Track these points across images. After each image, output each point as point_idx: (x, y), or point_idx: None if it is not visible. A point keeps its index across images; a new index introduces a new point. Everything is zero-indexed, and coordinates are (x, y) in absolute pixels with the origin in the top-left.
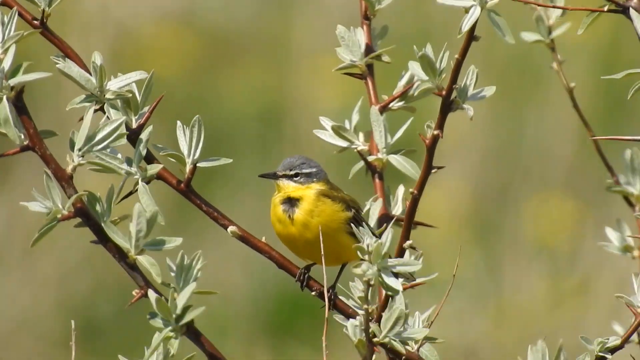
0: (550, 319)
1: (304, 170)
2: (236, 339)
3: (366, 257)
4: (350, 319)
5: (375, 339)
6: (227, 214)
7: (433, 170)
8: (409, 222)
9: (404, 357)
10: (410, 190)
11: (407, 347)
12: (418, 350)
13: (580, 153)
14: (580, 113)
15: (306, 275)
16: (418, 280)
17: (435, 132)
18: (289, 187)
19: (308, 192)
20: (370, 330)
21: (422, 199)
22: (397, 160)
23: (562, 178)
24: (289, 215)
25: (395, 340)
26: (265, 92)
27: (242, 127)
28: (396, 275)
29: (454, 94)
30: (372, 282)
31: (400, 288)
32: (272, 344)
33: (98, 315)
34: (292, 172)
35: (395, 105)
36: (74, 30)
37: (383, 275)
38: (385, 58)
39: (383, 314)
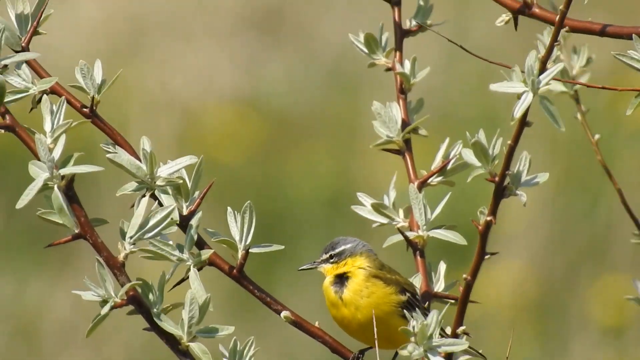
0: None
1: (336, 250)
2: None
3: (412, 338)
4: None
5: None
6: (289, 298)
7: (486, 257)
8: (462, 307)
9: None
10: (464, 275)
11: None
12: None
13: None
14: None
15: (359, 359)
16: (464, 358)
17: (489, 219)
18: (327, 269)
19: (356, 270)
20: None
21: (483, 282)
22: (439, 232)
23: (626, 259)
24: (340, 297)
25: None
26: (330, 177)
27: (306, 210)
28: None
29: (507, 180)
30: None
31: None
32: None
33: None
34: (327, 255)
35: (434, 180)
36: (136, 114)
37: (430, 356)
38: (422, 132)
39: None
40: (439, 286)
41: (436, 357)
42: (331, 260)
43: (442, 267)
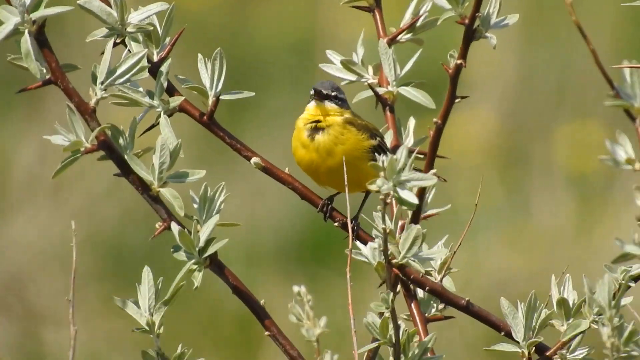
0: (579, 248)
1: (340, 95)
2: (265, 270)
3: (382, 173)
4: (369, 243)
5: (394, 261)
6: (257, 145)
7: (457, 100)
8: (432, 152)
9: (427, 288)
10: (434, 119)
11: (430, 277)
12: (441, 280)
13: (616, 79)
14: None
15: (329, 206)
16: (432, 212)
17: (458, 62)
18: (330, 109)
19: (336, 119)
20: (389, 252)
21: (449, 129)
22: (408, 91)
23: (594, 106)
24: (313, 140)
25: (413, 261)
26: (296, 23)
27: (273, 58)
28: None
29: (477, 22)
30: (388, 200)
31: (416, 201)
32: (303, 273)
33: (126, 246)
34: (334, 94)
35: (403, 38)
36: None
37: (398, 190)
38: None
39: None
40: (409, 141)
41: (404, 191)
42: (335, 101)
43: (412, 122)
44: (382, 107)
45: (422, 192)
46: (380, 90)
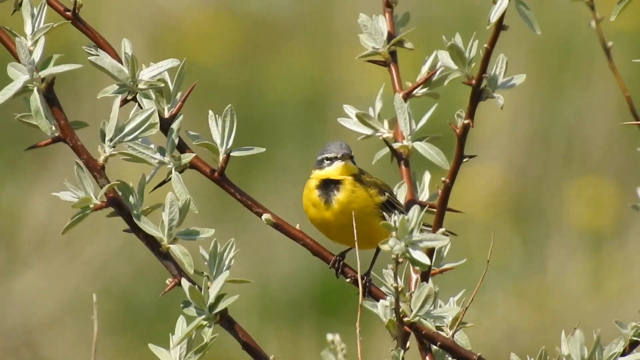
0: (592, 303)
1: (351, 153)
2: (277, 324)
3: (393, 233)
4: (381, 300)
5: (405, 319)
6: (268, 200)
7: (464, 160)
8: (441, 210)
9: (439, 344)
10: (443, 179)
11: (442, 332)
12: (453, 336)
13: (623, 135)
14: (618, 78)
15: (341, 263)
16: (447, 266)
17: (466, 122)
18: (349, 169)
19: (346, 177)
20: (400, 310)
21: (460, 186)
22: (422, 147)
23: (604, 161)
24: (325, 200)
25: (425, 319)
26: (307, 79)
27: (285, 114)
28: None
29: (484, 82)
30: (400, 260)
31: (428, 262)
32: (315, 327)
33: (138, 301)
34: (350, 154)
35: (419, 92)
36: (111, 15)
37: (410, 250)
38: (408, 45)
39: (413, 294)
40: (424, 195)
41: (417, 251)
42: (352, 160)
43: (427, 177)
44: (397, 161)
45: (432, 249)
46: (396, 145)
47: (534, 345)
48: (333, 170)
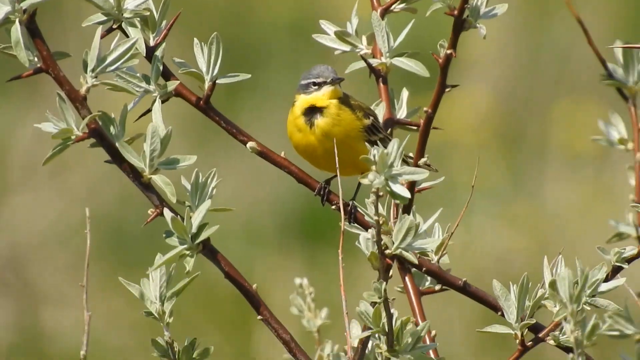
0: (579, 227)
1: (339, 77)
2: (265, 249)
3: (373, 167)
4: (362, 233)
5: (387, 251)
6: (255, 127)
7: (447, 89)
8: (423, 139)
9: (424, 269)
10: (425, 108)
11: (427, 258)
12: (438, 261)
13: (611, 59)
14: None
15: (326, 190)
16: (425, 185)
17: (449, 52)
18: (337, 93)
19: (331, 100)
20: (382, 243)
21: (446, 110)
22: (401, 61)
23: (592, 84)
24: (311, 125)
25: (407, 252)
26: (296, 3)
27: (273, 39)
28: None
29: (466, 13)
30: (380, 193)
31: (408, 195)
32: (302, 251)
33: (126, 227)
34: (338, 79)
35: (397, 7)
36: None
37: (390, 184)
38: None
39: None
40: (402, 113)
41: (396, 185)
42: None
43: (405, 94)
44: (375, 78)
45: (413, 182)
46: (374, 62)
47: (522, 270)
48: (322, 95)
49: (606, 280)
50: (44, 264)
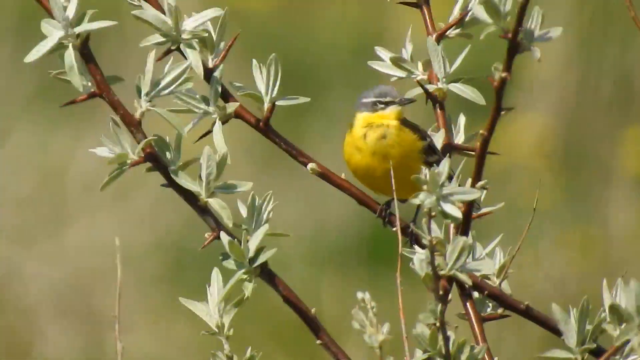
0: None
1: (408, 98)
2: (328, 271)
3: (424, 186)
4: (417, 253)
5: (441, 272)
6: (315, 148)
7: (502, 112)
8: (479, 162)
9: (486, 292)
10: (480, 131)
11: (488, 281)
12: (500, 284)
13: None
14: None
15: (387, 211)
16: (485, 210)
17: (503, 75)
18: (400, 114)
19: (391, 122)
20: (436, 264)
21: (504, 135)
22: (458, 87)
23: None
24: (371, 144)
25: (461, 273)
26: (357, 24)
27: (332, 61)
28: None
29: (520, 35)
30: (433, 213)
31: (459, 215)
32: (364, 273)
33: (187, 251)
34: (404, 100)
35: (452, 33)
36: None
37: (441, 203)
38: None
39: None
40: (459, 139)
41: (447, 204)
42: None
43: (462, 119)
44: (432, 104)
45: (470, 203)
46: (431, 88)
47: (581, 294)
48: (388, 114)
49: None
50: (107, 288)
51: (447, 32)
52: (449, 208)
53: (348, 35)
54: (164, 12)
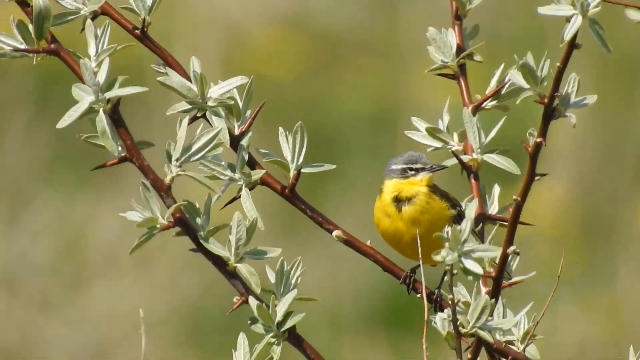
0: None
1: (440, 165)
2: (350, 337)
3: (446, 244)
4: (439, 313)
5: (463, 330)
6: (338, 215)
7: (536, 178)
8: (512, 228)
9: (510, 358)
10: (514, 197)
11: (513, 347)
12: (524, 350)
13: None
14: None
15: (412, 278)
16: (516, 279)
17: (538, 140)
18: (431, 181)
19: (420, 188)
20: (458, 322)
21: (530, 201)
22: (493, 158)
23: None
24: (399, 210)
25: (482, 331)
26: (377, 93)
27: (355, 129)
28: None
29: (556, 101)
30: (455, 271)
31: (481, 272)
32: (387, 339)
33: (208, 316)
34: (431, 166)
35: (488, 104)
36: (181, 30)
37: (463, 260)
38: (477, 57)
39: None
40: (493, 209)
41: (469, 261)
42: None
43: (496, 190)
44: (466, 174)
45: (503, 263)
46: (465, 159)
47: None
48: (419, 180)
49: None
50: (127, 355)
51: (484, 104)
52: (470, 264)
53: (365, 104)
54: (188, 79)
